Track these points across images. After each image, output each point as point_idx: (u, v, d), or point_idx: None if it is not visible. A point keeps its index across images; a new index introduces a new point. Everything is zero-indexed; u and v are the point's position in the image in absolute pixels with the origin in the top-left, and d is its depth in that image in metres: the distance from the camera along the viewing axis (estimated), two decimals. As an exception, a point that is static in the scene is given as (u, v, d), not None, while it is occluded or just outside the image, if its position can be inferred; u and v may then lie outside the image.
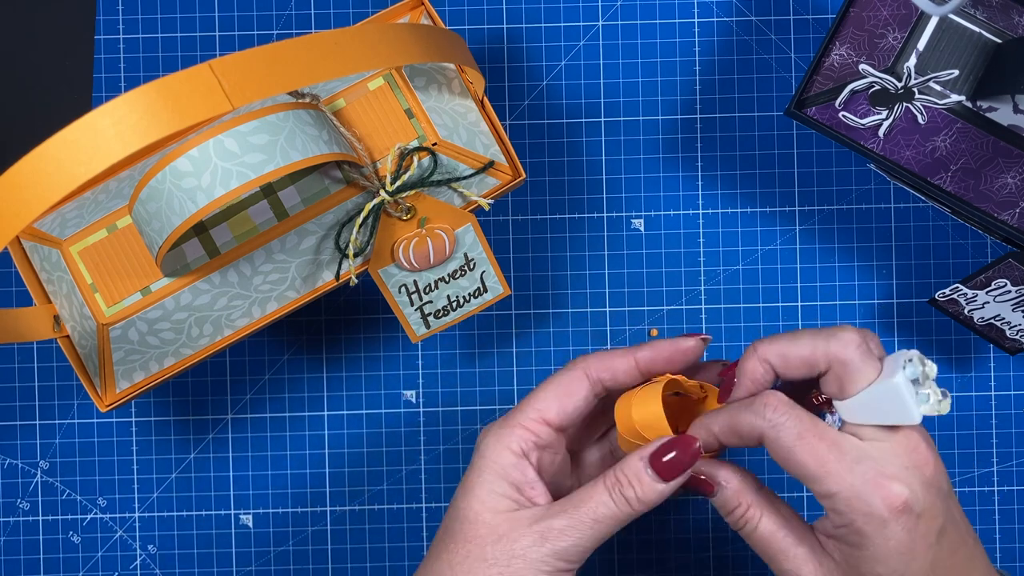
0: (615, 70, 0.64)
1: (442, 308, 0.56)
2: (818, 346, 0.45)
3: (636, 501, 0.46)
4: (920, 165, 0.54)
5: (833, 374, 0.45)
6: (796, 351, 0.45)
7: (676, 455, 0.46)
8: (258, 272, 0.52)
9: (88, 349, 0.53)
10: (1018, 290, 0.56)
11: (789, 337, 0.46)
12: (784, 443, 0.44)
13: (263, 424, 0.64)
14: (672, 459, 0.46)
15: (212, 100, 0.38)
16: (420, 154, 0.52)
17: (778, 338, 0.46)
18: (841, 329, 0.45)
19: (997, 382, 0.64)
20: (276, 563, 0.64)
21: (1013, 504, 0.64)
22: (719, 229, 0.64)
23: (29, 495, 0.64)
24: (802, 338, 0.45)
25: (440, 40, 0.48)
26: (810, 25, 0.63)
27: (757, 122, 0.63)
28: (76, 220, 0.52)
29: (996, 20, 0.53)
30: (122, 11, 0.63)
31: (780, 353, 0.46)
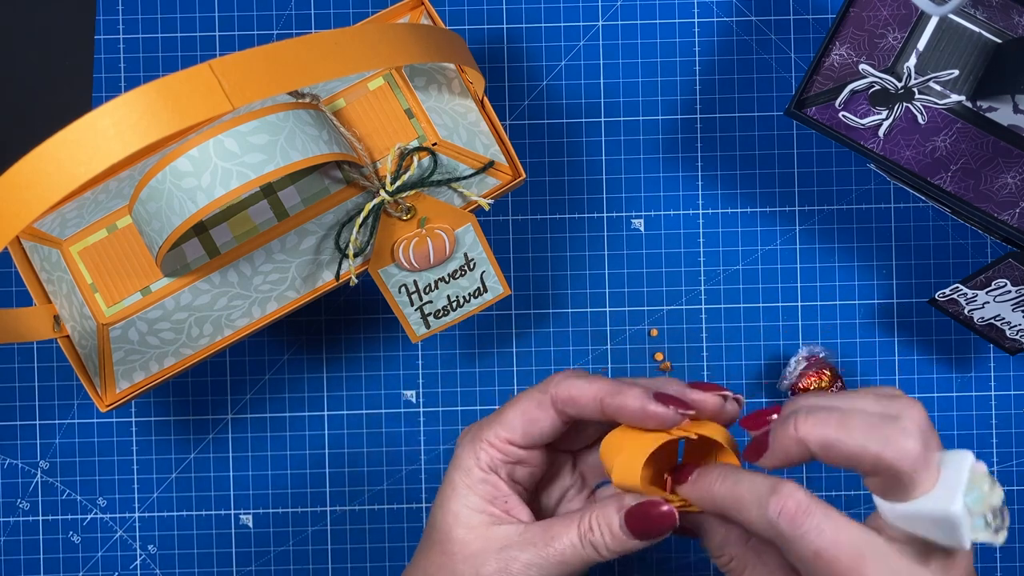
0: (615, 70, 0.64)
1: (442, 308, 0.56)
2: (870, 446, 0.38)
3: (605, 550, 0.45)
4: (920, 165, 0.54)
5: (882, 479, 0.39)
6: (843, 447, 0.39)
7: (653, 520, 0.44)
8: (258, 272, 0.52)
9: (88, 349, 0.53)
10: (1018, 290, 0.56)
11: (838, 422, 0.39)
12: (794, 556, 0.40)
13: (263, 424, 0.64)
14: (649, 523, 0.44)
15: (212, 100, 0.38)
16: (420, 154, 0.52)
17: (825, 419, 0.39)
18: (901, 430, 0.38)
19: (997, 382, 0.64)
20: (276, 563, 0.64)
21: (1013, 504, 0.64)
22: (719, 229, 0.64)
23: (29, 495, 0.64)
24: (854, 429, 0.39)
25: (440, 40, 0.48)
26: (810, 25, 0.63)
27: (757, 122, 0.63)
28: (76, 220, 0.52)
29: (996, 20, 0.53)
30: (122, 11, 0.63)
31: (824, 443, 0.39)
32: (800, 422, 0.40)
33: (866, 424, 0.38)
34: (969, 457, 0.38)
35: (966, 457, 0.38)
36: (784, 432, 0.40)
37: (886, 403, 0.40)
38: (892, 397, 0.40)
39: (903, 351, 0.64)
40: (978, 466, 0.38)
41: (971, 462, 0.38)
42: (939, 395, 0.64)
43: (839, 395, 0.42)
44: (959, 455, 0.38)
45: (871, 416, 0.39)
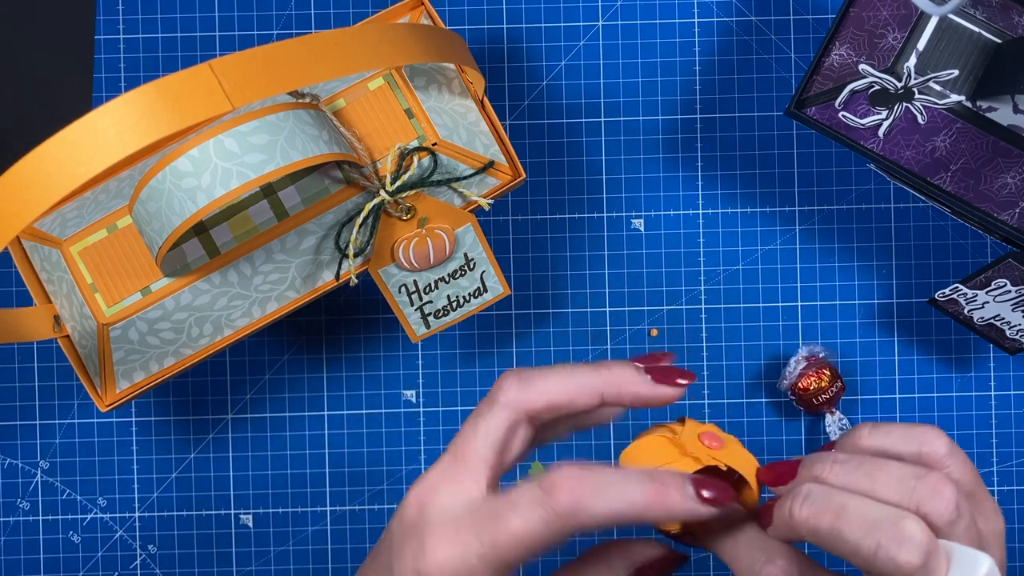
0: (615, 70, 0.64)
1: (442, 308, 0.56)
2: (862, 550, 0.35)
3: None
4: (920, 165, 0.54)
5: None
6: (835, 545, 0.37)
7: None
8: (258, 272, 0.52)
9: (88, 349, 0.53)
10: (1018, 290, 0.56)
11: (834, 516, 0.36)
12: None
13: (263, 424, 0.64)
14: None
15: (212, 100, 0.38)
16: (420, 154, 0.52)
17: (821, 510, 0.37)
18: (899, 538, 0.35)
19: (997, 382, 0.64)
20: (276, 563, 0.64)
21: (1013, 504, 0.64)
22: (719, 229, 0.64)
23: (29, 495, 0.64)
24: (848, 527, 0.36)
25: (440, 40, 0.48)
26: (810, 25, 0.63)
27: (757, 122, 0.63)
28: (76, 220, 0.52)
29: (996, 20, 0.53)
30: (122, 11, 0.63)
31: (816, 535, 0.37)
32: (795, 508, 0.38)
33: (862, 522, 0.36)
34: (983, 564, 0.35)
35: (981, 564, 0.35)
36: (781, 513, 0.39)
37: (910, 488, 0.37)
38: (921, 477, 0.37)
39: (903, 351, 0.64)
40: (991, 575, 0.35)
41: (984, 572, 0.35)
42: (939, 395, 0.64)
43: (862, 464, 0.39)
44: (973, 559, 0.35)
45: (871, 511, 0.36)
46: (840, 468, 0.39)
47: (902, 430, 0.40)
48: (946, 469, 0.40)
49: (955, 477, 0.39)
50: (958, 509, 0.37)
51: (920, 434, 0.40)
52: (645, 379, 0.40)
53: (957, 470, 0.39)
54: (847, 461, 0.39)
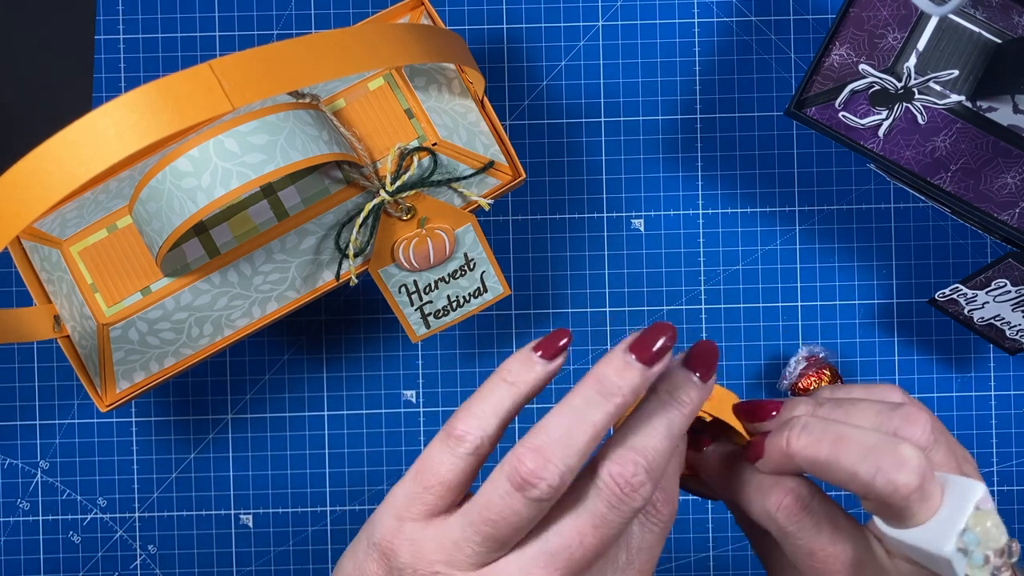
0: (615, 70, 0.64)
1: (442, 308, 0.56)
2: (861, 473, 0.36)
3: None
4: (920, 165, 0.54)
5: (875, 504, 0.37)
6: (833, 472, 0.37)
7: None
8: (258, 272, 0.52)
9: (88, 349, 0.53)
10: (1018, 290, 0.56)
11: (831, 443, 0.37)
12: (793, 555, 0.40)
13: (263, 424, 0.64)
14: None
15: (212, 100, 0.38)
16: (420, 154, 0.52)
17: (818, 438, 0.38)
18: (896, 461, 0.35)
19: (997, 382, 0.64)
20: (276, 563, 0.64)
21: (1013, 504, 0.64)
22: (719, 229, 0.64)
23: (29, 495, 0.64)
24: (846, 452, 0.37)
25: (440, 40, 0.48)
26: (810, 25, 0.63)
27: (757, 122, 0.63)
28: (76, 220, 0.52)
29: (996, 20, 0.53)
30: (122, 11, 0.63)
31: (814, 463, 0.38)
32: (793, 438, 0.38)
33: (860, 448, 0.36)
34: (978, 491, 0.35)
35: (974, 491, 0.35)
36: (776, 444, 0.39)
37: (887, 416, 0.38)
38: (895, 408, 0.39)
39: (903, 351, 0.64)
40: (984, 502, 0.35)
41: (978, 497, 0.35)
42: (939, 395, 0.64)
43: (842, 399, 0.40)
44: (967, 486, 0.36)
45: (867, 437, 0.37)
46: (820, 410, 0.40)
47: (861, 388, 0.41)
48: None
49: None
50: (934, 435, 0.38)
51: (878, 390, 0.41)
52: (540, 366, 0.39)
53: None
54: (826, 403, 0.40)
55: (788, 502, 0.39)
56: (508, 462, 0.36)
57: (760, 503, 0.40)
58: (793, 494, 0.39)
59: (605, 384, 0.36)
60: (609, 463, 0.36)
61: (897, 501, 0.36)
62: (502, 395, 0.38)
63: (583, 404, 0.36)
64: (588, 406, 0.36)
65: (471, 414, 0.37)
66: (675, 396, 0.37)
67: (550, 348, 0.38)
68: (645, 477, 0.36)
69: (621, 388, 0.36)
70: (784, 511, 0.39)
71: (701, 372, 0.38)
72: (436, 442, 0.38)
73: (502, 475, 0.36)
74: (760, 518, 0.40)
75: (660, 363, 0.37)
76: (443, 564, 0.37)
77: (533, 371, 0.38)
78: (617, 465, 0.36)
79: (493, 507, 0.36)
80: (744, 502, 0.41)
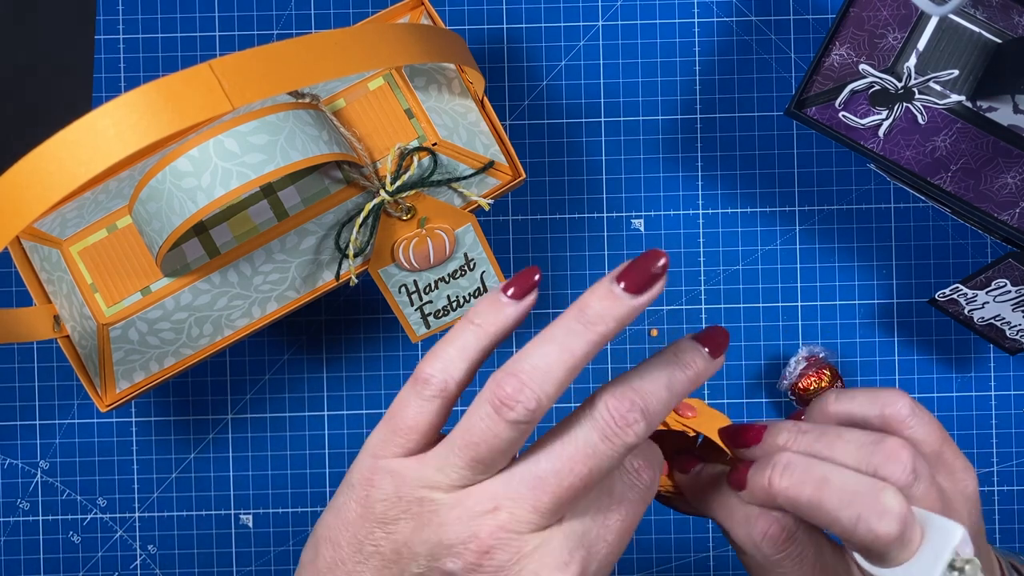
0: (615, 70, 0.64)
1: (442, 308, 0.56)
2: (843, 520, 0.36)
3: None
4: (920, 165, 0.54)
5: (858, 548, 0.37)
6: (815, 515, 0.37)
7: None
8: (258, 272, 0.52)
9: (88, 349, 0.53)
10: (1018, 290, 0.56)
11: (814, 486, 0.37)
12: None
13: (263, 424, 0.64)
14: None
15: (212, 100, 0.38)
16: (420, 154, 0.52)
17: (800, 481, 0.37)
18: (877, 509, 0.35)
19: (997, 382, 0.64)
20: (276, 563, 0.64)
21: (1013, 504, 0.64)
22: (719, 229, 0.64)
23: (29, 495, 0.64)
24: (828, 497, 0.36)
25: (440, 40, 0.48)
26: (810, 25, 0.63)
27: (757, 122, 0.63)
28: (76, 220, 0.52)
29: (996, 20, 0.53)
30: (122, 11, 0.63)
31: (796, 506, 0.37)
32: (775, 478, 0.38)
33: (842, 494, 0.36)
34: (957, 535, 0.35)
35: (953, 534, 0.35)
36: (759, 482, 0.39)
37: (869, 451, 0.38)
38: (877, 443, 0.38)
39: (903, 351, 0.64)
40: (963, 547, 0.35)
41: (957, 542, 0.35)
42: (939, 395, 0.64)
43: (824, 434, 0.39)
44: (946, 529, 0.36)
45: (849, 482, 0.36)
46: (804, 438, 0.39)
47: (866, 394, 0.41)
48: (909, 430, 0.40)
49: (919, 437, 0.40)
50: (915, 472, 0.38)
51: (883, 397, 0.40)
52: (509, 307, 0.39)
53: (921, 430, 0.40)
54: (810, 431, 0.40)
55: (773, 532, 0.39)
56: (488, 386, 0.36)
57: (745, 531, 0.40)
58: (779, 524, 0.39)
59: (587, 312, 0.36)
60: (607, 396, 0.36)
61: (878, 548, 0.36)
62: (468, 337, 0.38)
63: (564, 332, 0.36)
64: (568, 334, 0.36)
65: (437, 357, 0.38)
66: (680, 357, 0.37)
67: (520, 288, 0.38)
68: (640, 416, 0.36)
69: (603, 316, 0.36)
70: (769, 540, 0.39)
71: (710, 348, 0.38)
72: (405, 386, 0.38)
73: (483, 399, 0.36)
74: (744, 544, 0.40)
75: (648, 293, 0.36)
76: (427, 488, 0.37)
77: (502, 313, 0.38)
78: (615, 399, 0.36)
79: (475, 429, 0.36)
80: (729, 527, 0.40)
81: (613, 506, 0.38)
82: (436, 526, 0.36)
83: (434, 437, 0.38)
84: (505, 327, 0.38)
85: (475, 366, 0.38)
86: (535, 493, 0.36)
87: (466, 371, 0.38)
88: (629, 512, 0.38)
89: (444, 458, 0.37)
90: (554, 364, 0.36)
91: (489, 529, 0.36)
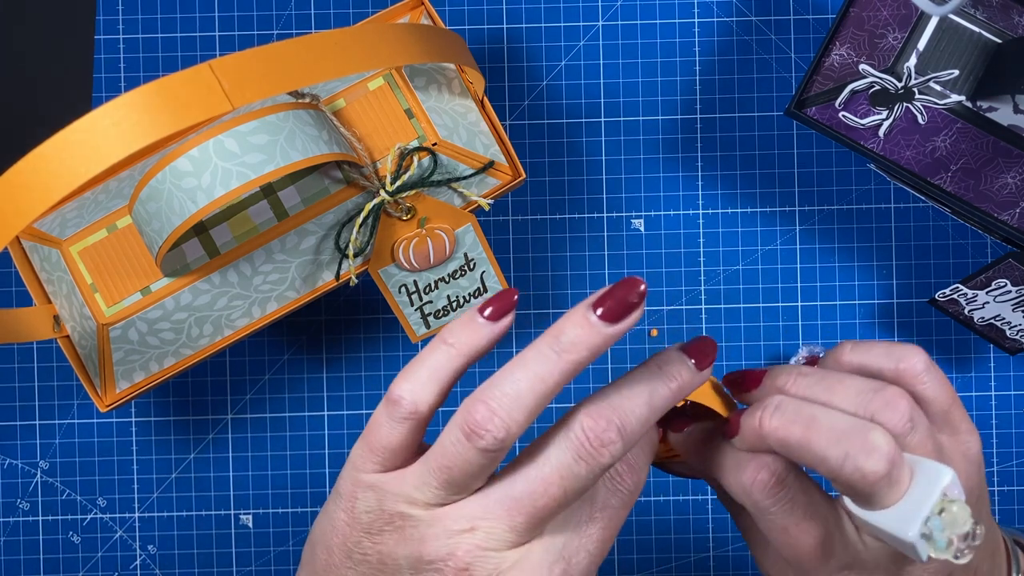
0: (615, 70, 0.64)
1: (442, 308, 0.56)
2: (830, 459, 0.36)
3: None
4: (920, 165, 0.54)
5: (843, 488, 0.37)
6: (803, 455, 0.37)
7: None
8: (258, 272, 0.52)
9: (88, 349, 0.53)
10: (1018, 290, 0.56)
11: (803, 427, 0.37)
12: (767, 529, 0.40)
13: (263, 424, 0.64)
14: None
15: (212, 100, 0.38)
16: (420, 154, 0.52)
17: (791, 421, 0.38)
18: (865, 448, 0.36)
19: (997, 382, 0.64)
20: (276, 563, 0.64)
21: (1013, 504, 0.64)
22: (719, 229, 0.64)
23: (29, 495, 0.64)
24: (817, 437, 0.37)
25: (440, 40, 0.48)
26: (810, 25, 0.63)
27: (757, 122, 0.63)
28: (76, 220, 0.52)
29: (996, 20, 0.53)
30: (122, 11, 0.63)
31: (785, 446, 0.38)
32: (765, 419, 0.38)
33: (831, 433, 0.36)
34: (945, 477, 0.36)
35: (942, 476, 0.36)
36: (750, 424, 0.39)
37: (868, 398, 0.38)
38: (877, 390, 0.38)
39: (903, 351, 0.64)
40: (951, 488, 0.36)
41: (944, 483, 0.36)
42: (939, 395, 0.64)
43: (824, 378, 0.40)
44: (935, 471, 0.36)
45: (839, 421, 0.37)
46: (803, 380, 0.40)
47: (883, 347, 0.41)
48: (922, 386, 0.40)
49: (930, 395, 0.40)
50: (912, 421, 0.38)
51: (900, 351, 0.41)
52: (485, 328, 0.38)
53: (933, 388, 0.40)
54: (810, 375, 0.40)
55: (763, 477, 0.39)
56: (460, 411, 0.36)
57: (736, 478, 0.40)
58: (768, 470, 0.39)
59: (560, 340, 0.36)
60: (584, 415, 0.36)
61: (865, 487, 0.36)
62: (440, 359, 0.38)
63: (536, 359, 0.36)
64: (541, 361, 0.36)
65: (407, 379, 0.38)
66: (664, 370, 0.37)
67: (497, 309, 0.38)
68: (616, 436, 0.36)
69: (576, 345, 0.36)
70: (759, 486, 0.39)
71: (697, 359, 0.38)
72: (380, 404, 0.38)
73: (455, 423, 0.36)
74: (736, 493, 0.40)
75: (624, 322, 0.36)
76: (405, 504, 0.37)
77: (477, 333, 0.38)
78: (591, 419, 0.36)
79: (447, 454, 0.36)
80: (721, 477, 0.41)
81: (596, 514, 0.38)
82: (416, 541, 0.37)
83: (410, 453, 0.38)
84: (479, 348, 0.38)
85: (448, 386, 0.38)
86: (510, 514, 0.36)
87: (437, 393, 0.38)
88: (611, 519, 0.38)
89: (420, 477, 0.37)
90: (524, 392, 0.36)
91: (466, 547, 0.36)
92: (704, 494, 0.64)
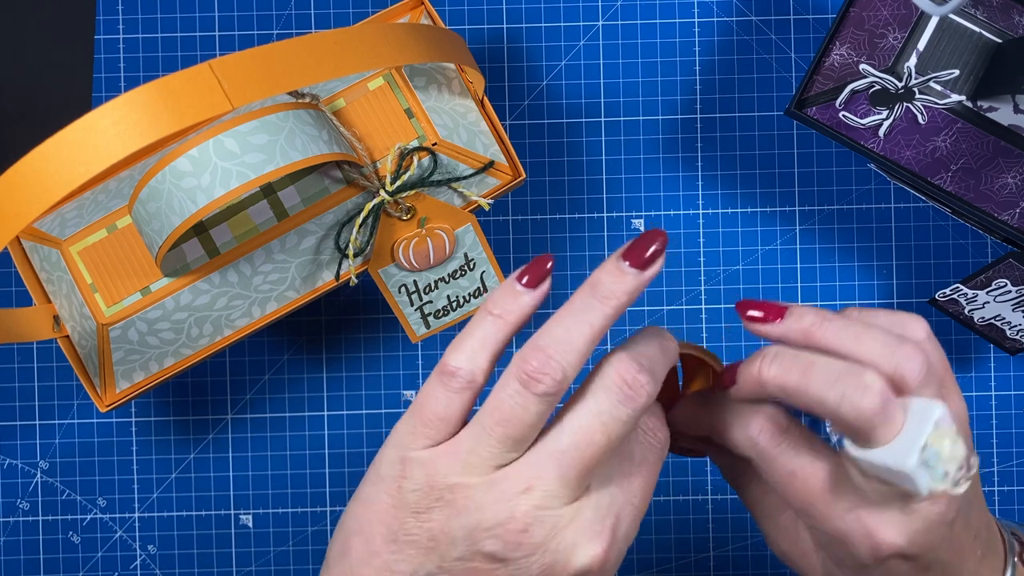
0: (615, 70, 0.64)
1: (442, 308, 0.56)
2: (827, 400, 0.38)
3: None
4: (920, 165, 0.54)
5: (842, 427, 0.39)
6: (801, 398, 0.39)
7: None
8: (258, 272, 0.52)
9: (88, 349, 0.53)
10: (1018, 290, 0.56)
11: (801, 371, 0.39)
12: (771, 476, 0.42)
13: (263, 424, 0.64)
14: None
15: (212, 100, 0.38)
16: (420, 154, 0.52)
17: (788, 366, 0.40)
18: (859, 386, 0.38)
19: (997, 382, 0.64)
20: (276, 563, 0.64)
21: (1013, 504, 0.64)
22: (719, 229, 0.64)
23: (29, 495, 0.64)
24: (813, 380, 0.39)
25: (440, 40, 0.48)
26: (810, 25, 0.63)
27: (757, 122, 0.63)
28: (76, 220, 0.52)
29: (996, 20, 0.53)
30: (122, 11, 0.63)
31: (783, 390, 0.40)
32: (764, 366, 0.40)
33: (827, 376, 0.38)
34: (936, 411, 0.38)
35: (933, 410, 0.38)
36: (749, 372, 0.41)
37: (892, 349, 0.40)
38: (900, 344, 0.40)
39: (903, 351, 0.64)
40: (943, 421, 0.38)
41: (936, 416, 0.38)
42: (939, 395, 0.64)
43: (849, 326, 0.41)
44: (926, 407, 0.38)
45: (834, 365, 0.39)
46: (830, 326, 0.41)
47: (888, 316, 0.43)
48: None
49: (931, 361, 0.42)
50: (928, 371, 0.40)
51: (903, 319, 0.42)
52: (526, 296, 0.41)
53: (932, 355, 0.42)
54: (835, 319, 0.41)
55: (768, 426, 0.41)
56: (514, 363, 0.38)
57: (741, 430, 0.42)
58: (772, 419, 0.41)
59: (600, 289, 0.39)
60: (614, 364, 0.39)
61: (862, 424, 0.38)
62: (488, 328, 0.40)
63: (581, 307, 0.39)
64: (585, 309, 0.39)
65: (460, 350, 0.39)
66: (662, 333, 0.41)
67: (534, 275, 0.41)
68: (648, 376, 0.39)
69: (615, 291, 0.39)
70: (765, 434, 0.41)
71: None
72: (431, 379, 0.40)
73: (510, 376, 0.38)
74: (742, 445, 0.42)
75: (652, 267, 0.39)
76: (458, 474, 0.38)
77: (519, 301, 0.40)
78: (623, 364, 0.39)
79: (504, 407, 0.38)
80: (726, 434, 0.43)
81: (635, 470, 0.41)
82: (472, 511, 0.38)
83: (462, 425, 0.40)
84: (523, 315, 0.41)
85: (497, 355, 0.40)
86: (561, 468, 0.38)
87: (490, 361, 0.40)
88: (650, 473, 0.41)
89: (475, 439, 0.38)
90: (575, 336, 0.38)
91: (525, 508, 0.38)
92: (704, 494, 0.64)
